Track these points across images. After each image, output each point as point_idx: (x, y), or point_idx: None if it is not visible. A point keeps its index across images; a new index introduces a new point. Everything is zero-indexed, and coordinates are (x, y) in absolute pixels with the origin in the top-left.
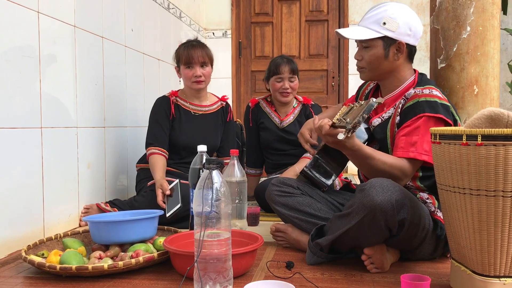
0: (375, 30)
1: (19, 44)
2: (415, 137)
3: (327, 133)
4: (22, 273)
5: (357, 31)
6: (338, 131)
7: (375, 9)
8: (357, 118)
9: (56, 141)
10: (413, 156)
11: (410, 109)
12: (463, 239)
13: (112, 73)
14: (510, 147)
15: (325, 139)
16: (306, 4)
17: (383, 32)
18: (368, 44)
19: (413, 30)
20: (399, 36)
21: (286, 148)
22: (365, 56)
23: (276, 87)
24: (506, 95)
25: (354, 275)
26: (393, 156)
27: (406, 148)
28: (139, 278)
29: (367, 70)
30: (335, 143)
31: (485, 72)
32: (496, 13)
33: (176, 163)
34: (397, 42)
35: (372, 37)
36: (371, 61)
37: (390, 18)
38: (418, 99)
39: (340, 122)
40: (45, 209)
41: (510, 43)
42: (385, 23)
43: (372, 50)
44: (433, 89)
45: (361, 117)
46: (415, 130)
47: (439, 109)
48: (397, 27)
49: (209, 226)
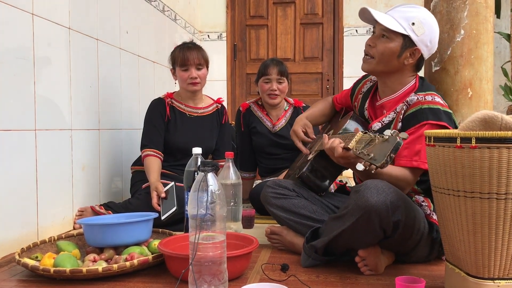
0: (402, 25)
1: (14, 46)
2: (418, 145)
3: (341, 156)
4: (16, 276)
5: (384, 17)
6: (357, 161)
7: (409, 6)
8: (386, 159)
9: (50, 144)
10: (417, 165)
11: (413, 116)
12: (457, 241)
13: (107, 75)
14: (504, 150)
15: (336, 160)
16: (301, 7)
17: (408, 32)
18: (388, 35)
19: (432, 44)
20: (419, 42)
21: (279, 152)
22: (380, 45)
23: (264, 89)
24: (500, 98)
25: (349, 277)
26: (397, 167)
27: (409, 157)
28: (134, 281)
29: (375, 61)
30: (347, 165)
31: (479, 75)
32: (489, 16)
33: (171, 165)
34: (415, 47)
35: (397, 30)
36: (383, 53)
37: (420, 21)
38: (421, 106)
39: (361, 155)
40: (39, 211)
41: (504, 46)
42: (414, 24)
43: (390, 43)
44: (435, 95)
45: (389, 157)
46: (418, 138)
47: (442, 116)
48: (422, 34)
49: (204, 229)
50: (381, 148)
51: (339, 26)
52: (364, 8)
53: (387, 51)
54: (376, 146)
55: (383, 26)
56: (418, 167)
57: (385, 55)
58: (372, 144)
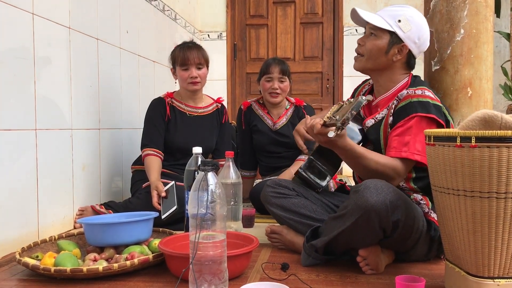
0: (388, 22)
1: (14, 45)
2: (407, 137)
3: (319, 132)
4: (16, 275)
5: (371, 16)
6: (329, 129)
7: (397, 6)
8: (346, 115)
9: (51, 143)
10: (406, 156)
11: (403, 110)
12: (457, 240)
13: (107, 75)
14: (503, 149)
15: (317, 138)
16: (301, 7)
17: (394, 28)
18: (376, 33)
19: (421, 40)
20: (406, 39)
21: (279, 151)
22: (368, 43)
23: (266, 87)
24: (500, 97)
25: (349, 276)
26: (385, 156)
27: (398, 148)
28: (134, 280)
29: (364, 59)
30: (326, 142)
31: (478, 74)
32: (489, 15)
33: (171, 164)
34: (402, 44)
35: (382, 27)
36: (371, 50)
37: (406, 19)
38: (411, 100)
39: (331, 120)
40: (40, 211)
41: (503, 45)
42: (400, 21)
43: (377, 40)
44: (425, 89)
45: (350, 113)
46: (407, 130)
47: (431, 109)
48: (409, 30)
49: (204, 228)
50: (347, 109)
51: (339, 25)
52: (353, 9)
53: (375, 48)
54: (343, 109)
55: (371, 24)
56: (407, 158)
57: (373, 52)
58: (340, 110)
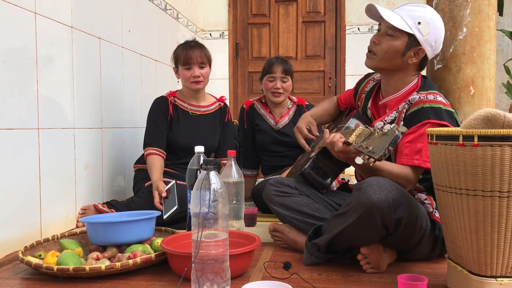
0: (408, 24)
1: (16, 45)
2: (419, 144)
3: (341, 151)
4: (19, 274)
5: (391, 15)
6: (356, 154)
7: (416, 5)
8: (383, 151)
9: (53, 142)
10: (418, 164)
11: (415, 115)
12: (459, 239)
13: (109, 74)
14: (506, 148)
15: (336, 154)
16: (303, 5)
17: (414, 31)
18: (393, 33)
19: (436, 44)
20: (424, 42)
21: (282, 150)
22: (384, 43)
23: (268, 87)
24: (502, 96)
25: (351, 275)
26: (398, 165)
27: (410, 155)
28: (137, 279)
29: (378, 58)
30: (346, 158)
31: (481, 73)
32: (492, 14)
33: (174, 163)
34: (419, 47)
35: (402, 29)
36: (387, 51)
37: (426, 21)
38: (423, 105)
39: (360, 148)
40: (42, 210)
41: (506, 44)
42: (420, 23)
43: (394, 41)
44: (437, 94)
45: (387, 149)
46: (420, 137)
47: (443, 115)
48: (428, 34)
49: (207, 227)
50: (380, 141)
51: (341, 24)
52: (371, 5)
53: (391, 49)
54: (375, 140)
55: (389, 23)
56: (419, 166)
57: (389, 53)
58: (371, 138)
